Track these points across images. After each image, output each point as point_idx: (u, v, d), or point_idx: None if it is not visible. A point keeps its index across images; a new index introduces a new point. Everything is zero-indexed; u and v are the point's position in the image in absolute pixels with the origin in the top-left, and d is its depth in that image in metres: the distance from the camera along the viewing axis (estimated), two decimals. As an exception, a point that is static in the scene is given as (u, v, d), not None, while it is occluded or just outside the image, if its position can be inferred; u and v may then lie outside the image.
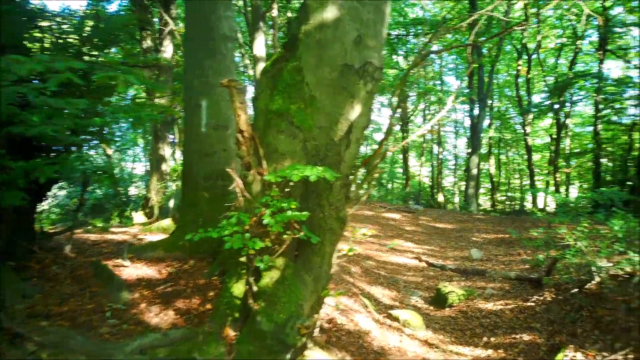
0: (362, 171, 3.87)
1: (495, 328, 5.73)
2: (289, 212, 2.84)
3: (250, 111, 3.59)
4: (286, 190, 2.99)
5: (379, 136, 25.98)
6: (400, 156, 26.21)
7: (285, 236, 3.03)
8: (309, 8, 3.17)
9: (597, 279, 5.56)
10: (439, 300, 6.72)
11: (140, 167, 26.36)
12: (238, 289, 3.33)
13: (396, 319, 5.81)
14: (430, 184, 27.64)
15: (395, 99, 4.23)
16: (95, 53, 5.21)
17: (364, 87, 3.21)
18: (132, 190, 20.56)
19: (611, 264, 5.56)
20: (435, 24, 16.16)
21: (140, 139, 25.23)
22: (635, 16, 16.75)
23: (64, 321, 3.28)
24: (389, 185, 28.07)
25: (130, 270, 4.32)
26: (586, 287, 5.61)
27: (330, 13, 3.11)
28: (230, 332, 3.22)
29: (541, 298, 6.09)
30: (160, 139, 12.22)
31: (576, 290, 5.70)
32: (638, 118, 15.80)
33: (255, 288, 3.18)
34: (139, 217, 11.41)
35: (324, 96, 3.17)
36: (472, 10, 14.68)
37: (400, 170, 27.14)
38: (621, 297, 5.11)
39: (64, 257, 4.56)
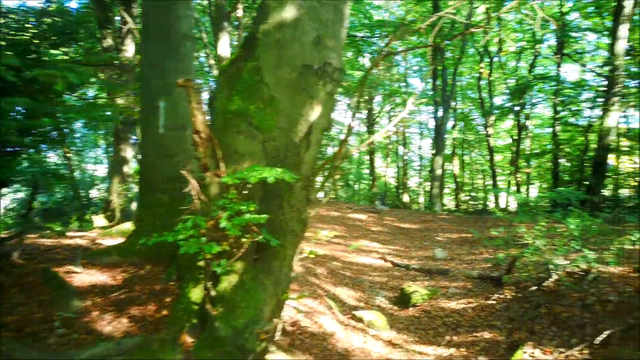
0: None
1: (457, 327, 5.80)
2: (247, 215, 2.77)
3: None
4: (244, 192, 2.93)
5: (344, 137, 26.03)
6: (367, 157, 26.41)
7: (243, 239, 2.96)
8: (268, 7, 3.12)
9: (555, 276, 5.71)
10: (403, 300, 6.76)
11: (102, 169, 25.68)
12: (196, 294, 3.24)
13: (360, 320, 5.81)
14: (396, 184, 27.95)
15: (355, 100, 4.22)
16: (53, 51, 5.01)
17: (323, 88, 3.18)
18: (94, 193, 20.00)
19: (568, 262, 5.72)
20: (399, 26, 16.33)
21: (101, 140, 24.59)
22: (590, 22, 17.41)
23: (9, 332, 3.11)
24: (356, 186, 28.26)
25: (83, 276, 4.14)
26: (544, 284, 5.75)
27: (289, 13, 3.07)
28: (188, 339, 3.13)
29: (502, 296, 6.21)
30: (121, 140, 11.93)
31: (535, 288, 5.83)
32: (593, 120, 16.39)
33: (213, 293, 3.10)
34: (99, 220, 11.08)
35: (284, 97, 3.13)
36: (435, 12, 14.91)
37: (367, 171, 27.34)
38: (577, 293, 5.26)
39: (12, 263, 4.34)
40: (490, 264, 7.90)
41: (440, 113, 18.80)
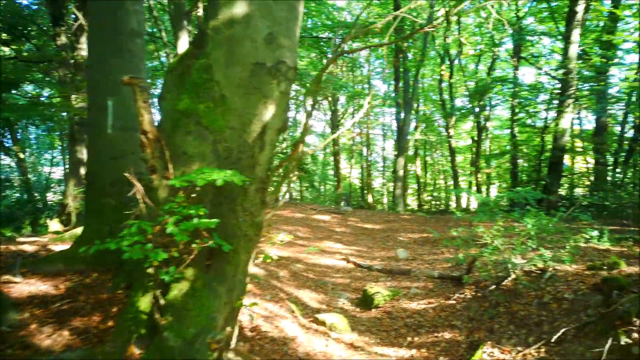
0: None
1: (418, 327, 5.81)
2: (195, 220, 2.64)
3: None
4: (192, 195, 2.79)
5: (310, 138, 26.06)
6: (332, 158, 26.45)
7: (193, 245, 2.83)
8: (218, 3, 2.99)
9: (513, 275, 5.79)
10: (366, 301, 6.75)
11: (59, 172, 24.75)
12: (144, 302, 3.08)
13: (322, 323, 5.76)
14: (361, 185, 28.11)
15: (311, 99, 4.13)
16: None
17: (277, 87, 3.08)
18: (50, 196, 19.22)
19: (525, 261, 5.82)
20: (353, 26, 16.32)
21: (58, 141, 23.72)
22: (545, 26, 17.96)
23: (-64, 349, 2.87)
24: (322, 188, 28.27)
25: (22, 286, 3.86)
26: (503, 283, 5.83)
27: (239, 9, 2.95)
28: (135, 350, 2.96)
29: (462, 296, 6.26)
30: (77, 141, 11.48)
31: (494, 287, 5.90)
32: (549, 121, 16.90)
33: (162, 301, 2.95)
34: (55, 225, 10.61)
35: (235, 96, 3.00)
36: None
37: (332, 172, 27.38)
38: (534, 292, 5.34)
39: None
40: (451, 264, 7.98)
41: (402, 115, 18.97)
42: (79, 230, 6.89)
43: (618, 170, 15.52)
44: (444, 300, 6.38)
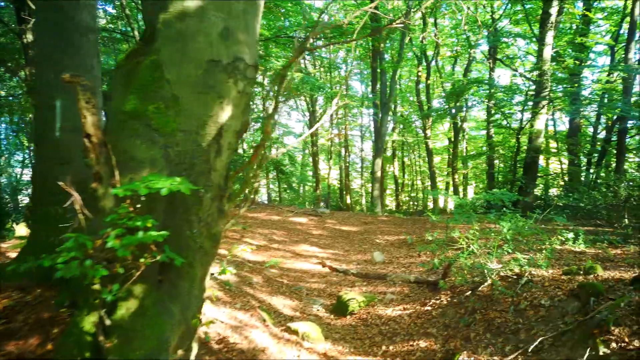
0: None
1: (393, 335, 5.66)
2: (140, 234, 2.37)
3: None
4: (138, 205, 2.53)
5: (289, 140, 25.78)
6: (311, 159, 26.23)
7: (141, 260, 2.56)
8: (169, -6, 2.73)
9: (489, 280, 5.66)
10: (341, 308, 6.59)
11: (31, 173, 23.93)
12: (89, 322, 2.79)
13: (295, 332, 5.57)
14: (339, 186, 27.98)
15: (274, 99, 3.90)
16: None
17: (234, 87, 2.83)
18: (22, 199, 18.59)
19: (501, 266, 5.69)
20: (337, 28, 16.14)
21: (27, 142, 22.99)
22: (520, 28, 18.08)
23: None
24: (301, 189, 28.05)
25: (-47, 306, 3.55)
26: (479, 289, 5.70)
27: (192, 0, 2.70)
28: (78, 377, 2.68)
29: (438, 301, 6.12)
30: (42, 142, 10.97)
31: (470, 292, 5.77)
32: (524, 122, 16.97)
33: (107, 322, 2.67)
34: (22, 229, 10.12)
35: (188, 96, 2.75)
36: (373, 15, 14.85)
37: (311, 173, 27.17)
38: (510, 298, 5.21)
39: None
40: (426, 268, 7.84)
41: (380, 116, 18.87)
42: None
43: (592, 170, 15.68)
44: (420, 306, 6.23)
